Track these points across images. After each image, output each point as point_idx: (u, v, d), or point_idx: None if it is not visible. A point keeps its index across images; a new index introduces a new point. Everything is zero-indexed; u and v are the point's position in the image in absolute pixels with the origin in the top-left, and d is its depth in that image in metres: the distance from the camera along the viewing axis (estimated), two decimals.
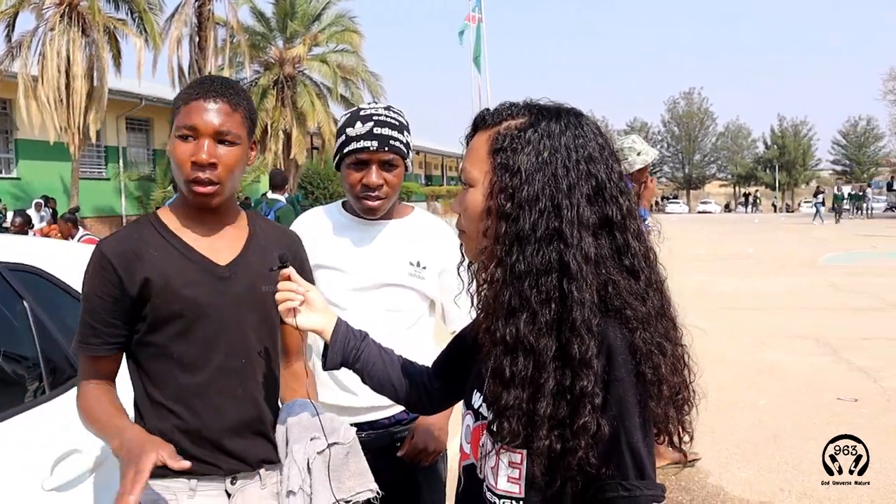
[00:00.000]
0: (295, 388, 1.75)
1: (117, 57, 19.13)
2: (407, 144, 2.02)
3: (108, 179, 22.99)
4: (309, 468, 1.53)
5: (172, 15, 20.81)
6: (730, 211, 61.38)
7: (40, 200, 16.37)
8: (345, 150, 1.99)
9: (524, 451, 1.11)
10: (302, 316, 1.41)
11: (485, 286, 1.17)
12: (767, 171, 66.47)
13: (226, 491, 1.60)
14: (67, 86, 17.23)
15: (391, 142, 1.96)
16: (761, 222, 34.78)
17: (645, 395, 1.08)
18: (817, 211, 35.22)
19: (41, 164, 20.18)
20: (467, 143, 1.24)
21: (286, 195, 9.19)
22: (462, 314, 1.93)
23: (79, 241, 9.10)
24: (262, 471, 1.64)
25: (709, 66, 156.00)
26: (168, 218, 1.62)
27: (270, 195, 8.64)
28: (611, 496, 1.07)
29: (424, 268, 2.05)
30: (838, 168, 68.15)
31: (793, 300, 10.53)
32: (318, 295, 1.45)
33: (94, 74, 18.03)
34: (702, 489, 4.06)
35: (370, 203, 2.00)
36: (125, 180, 23.06)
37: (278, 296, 1.41)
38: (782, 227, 29.25)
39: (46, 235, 11.03)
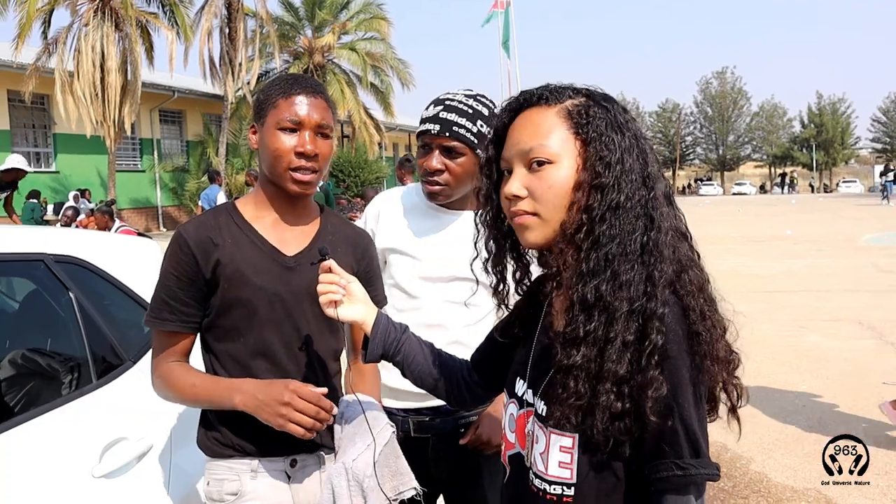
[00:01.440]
0: (357, 383, 1.77)
1: (150, 50, 19.42)
2: (479, 134, 1.90)
3: (143, 171, 23.38)
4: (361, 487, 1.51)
5: (202, 7, 21.01)
6: (765, 192, 60.21)
7: (77, 193, 16.68)
8: (417, 133, 1.99)
9: (575, 436, 1.10)
10: (343, 307, 1.41)
11: (576, 253, 1.13)
12: (804, 150, 64.97)
13: (286, 473, 1.66)
14: (102, 80, 17.52)
15: (454, 128, 1.89)
16: (799, 203, 34.06)
17: (700, 359, 1.07)
18: (887, 189, 32.56)
19: (78, 158, 20.59)
20: (505, 123, 1.21)
21: (321, 182, 9.27)
22: None
23: (115, 232, 9.27)
24: (321, 453, 1.69)
25: (742, 44, 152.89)
26: (244, 208, 1.70)
27: None
28: (665, 475, 1.06)
29: None
30: (878, 146, 66.36)
31: (833, 282, 10.30)
32: (360, 287, 1.45)
33: (128, 68, 18.30)
34: (744, 475, 4.01)
35: (429, 187, 1.95)
36: (160, 172, 23.42)
37: (319, 287, 1.41)
38: (820, 208, 28.61)
39: (86, 227, 11.24)
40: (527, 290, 1.34)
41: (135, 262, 2.35)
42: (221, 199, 12.89)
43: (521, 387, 1.25)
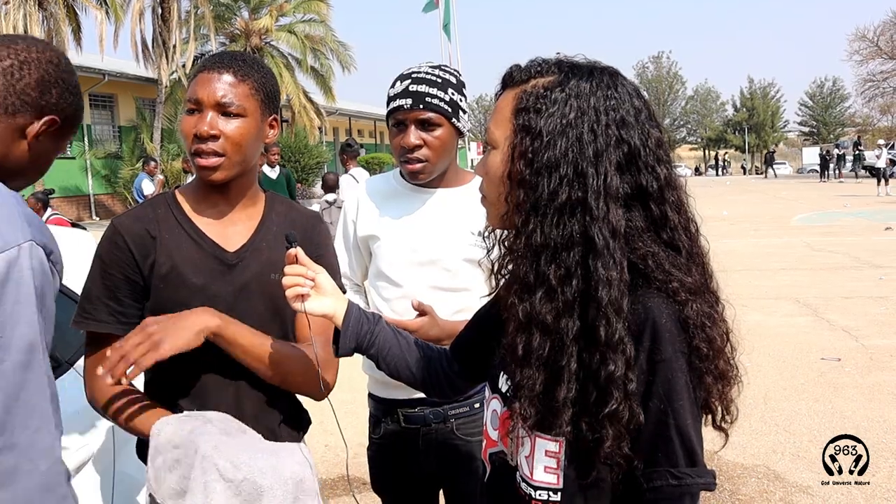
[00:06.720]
0: None
1: (77, 31, 18.57)
2: (452, 103, 1.84)
3: (73, 158, 22.40)
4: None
5: None
6: (700, 174, 61.81)
7: None
8: (387, 112, 1.89)
9: (562, 440, 1.04)
10: (311, 301, 1.31)
11: (507, 256, 1.12)
12: (737, 133, 66.90)
13: None
14: None
15: (427, 99, 1.81)
16: (733, 184, 35.04)
17: (697, 373, 1.01)
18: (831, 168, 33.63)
19: None
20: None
21: (279, 168, 9.20)
22: None
23: (46, 220, 8.89)
24: None
25: (677, 28, 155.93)
26: (183, 199, 1.55)
27: None
28: (659, 484, 1.00)
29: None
30: (805, 129, 68.81)
31: (770, 261, 10.61)
32: (328, 278, 1.35)
33: None
34: None
35: (409, 166, 1.85)
36: (91, 159, 22.52)
37: (285, 280, 1.30)
38: (752, 189, 29.49)
39: None
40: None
41: (70, 256, 2.19)
42: (147, 187, 12.45)
43: (503, 383, 1.17)
